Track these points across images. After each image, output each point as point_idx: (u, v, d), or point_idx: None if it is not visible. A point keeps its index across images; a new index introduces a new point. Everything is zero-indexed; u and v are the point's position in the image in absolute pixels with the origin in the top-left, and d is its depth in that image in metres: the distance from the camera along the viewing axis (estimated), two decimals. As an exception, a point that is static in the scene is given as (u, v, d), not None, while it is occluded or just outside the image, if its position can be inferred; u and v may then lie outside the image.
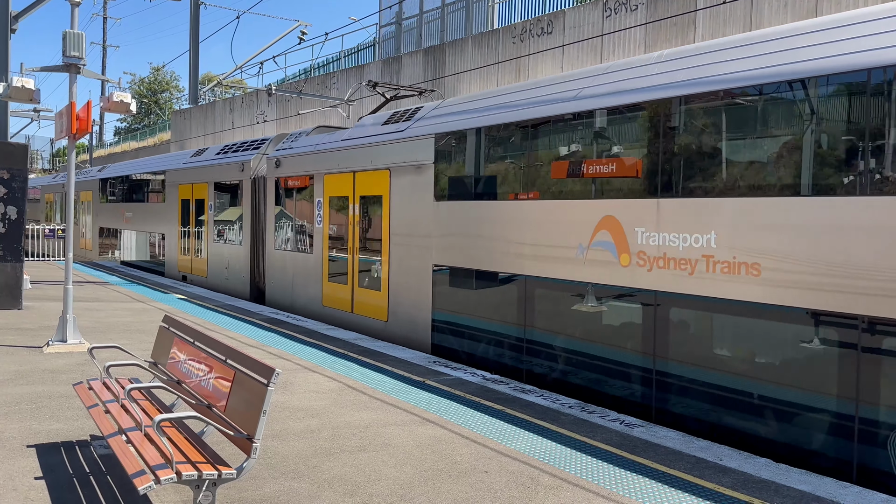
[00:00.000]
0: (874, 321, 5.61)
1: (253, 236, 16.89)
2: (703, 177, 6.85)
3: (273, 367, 4.37)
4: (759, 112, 6.44)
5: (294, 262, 14.74)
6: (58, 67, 10.00)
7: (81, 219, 29.44)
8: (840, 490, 5.36)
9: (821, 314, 5.96)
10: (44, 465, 5.42)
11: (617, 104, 7.70)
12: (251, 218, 16.85)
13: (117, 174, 26.25)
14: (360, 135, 12.77)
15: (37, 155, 65.40)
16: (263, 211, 16.44)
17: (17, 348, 9.88)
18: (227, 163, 18.17)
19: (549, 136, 8.55)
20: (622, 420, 7.14)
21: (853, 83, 5.76)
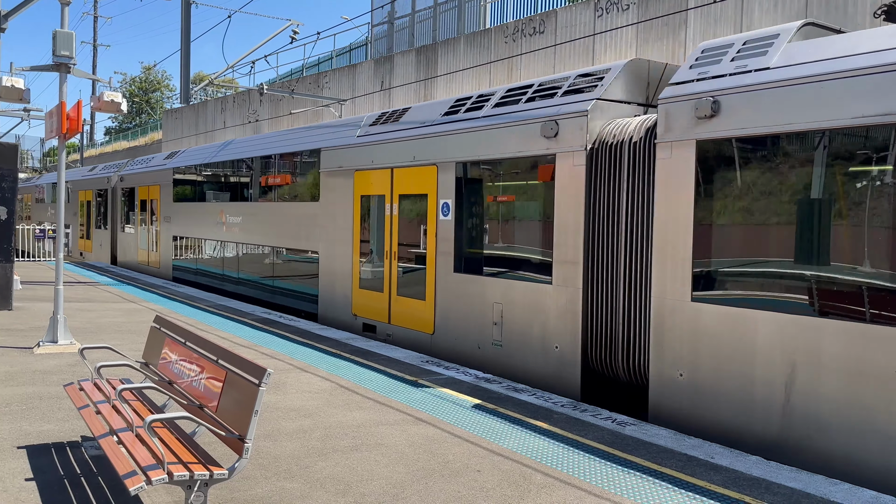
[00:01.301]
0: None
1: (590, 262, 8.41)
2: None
3: (264, 368, 4.37)
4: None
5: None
6: (48, 67, 9.95)
7: (138, 225, 23.52)
8: (830, 487, 5.40)
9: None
10: (34, 467, 5.40)
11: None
12: (590, 227, 8.37)
13: (208, 160, 18.83)
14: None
15: (27, 155, 65.05)
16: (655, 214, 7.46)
17: (7, 349, 9.83)
18: (516, 123, 9.20)
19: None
20: (614, 418, 7.16)
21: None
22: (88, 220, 28.58)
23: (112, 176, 25.75)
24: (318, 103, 23.68)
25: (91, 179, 28.44)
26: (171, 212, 20.59)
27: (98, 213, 27.33)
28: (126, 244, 24.48)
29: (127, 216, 24.54)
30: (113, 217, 25.92)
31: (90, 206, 28.24)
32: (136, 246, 23.37)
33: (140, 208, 23.03)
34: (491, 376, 8.94)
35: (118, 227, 25.35)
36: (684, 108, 7.18)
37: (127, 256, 24.48)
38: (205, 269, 18.77)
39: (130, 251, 24.01)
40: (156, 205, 21.71)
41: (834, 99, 5.99)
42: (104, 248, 26.77)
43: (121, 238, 25.04)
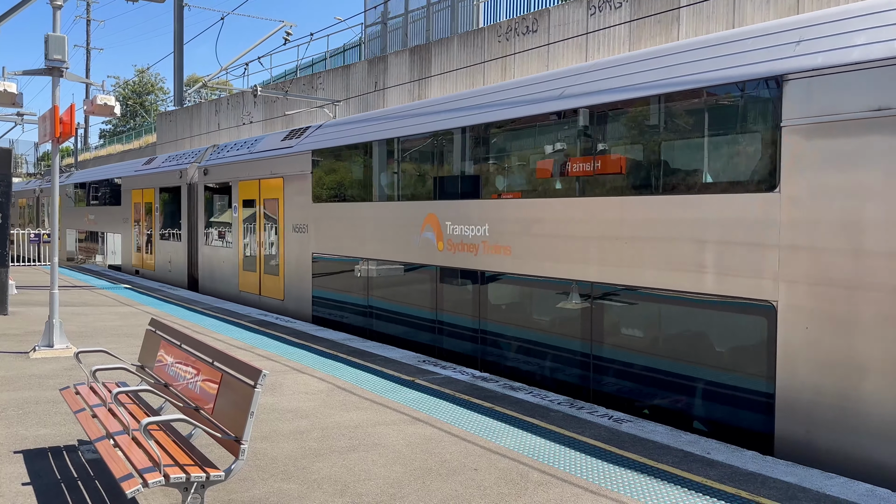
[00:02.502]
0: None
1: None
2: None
3: (260, 369, 4.37)
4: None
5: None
6: (40, 71, 9.94)
7: (238, 235, 16.90)
8: (826, 481, 5.42)
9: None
10: (31, 471, 5.40)
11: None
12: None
13: (414, 128, 11.27)
14: None
15: (21, 159, 64.86)
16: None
17: (3, 354, 9.81)
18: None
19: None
20: (611, 416, 7.18)
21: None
22: (149, 227, 22.07)
23: (188, 168, 19.67)
24: (312, 104, 23.68)
25: (152, 174, 22.14)
26: (306, 217, 13.86)
27: (165, 218, 21.11)
28: (214, 262, 17.92)
29: (212, 223, 18.36)
30: (191, 224, 19.80)
31: (151, 209, 22.11)
32: (236, 265, 16.76)
33: (243, 212, 16.50)
34: (488, 375, 8.96)
35: (199, 237, 18.92)
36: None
37: (216, 280, 17.81)
38: (389, 310, 11.73)
39: (223, 272, 17.33)
40: (275, 206, 15.08)
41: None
42: (176, 266, 20.36)
43: (204, 254, 18.57)
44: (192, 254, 19.79)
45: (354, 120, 13.39)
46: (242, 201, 16.35)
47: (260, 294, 15.76)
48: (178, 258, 20.30)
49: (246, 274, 16.40)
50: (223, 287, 17.43)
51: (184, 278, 20.02)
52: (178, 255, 20.28)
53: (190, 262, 19.86)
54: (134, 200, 23.37)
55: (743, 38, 7.07)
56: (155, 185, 21.65)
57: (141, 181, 22.93)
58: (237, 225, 16.77)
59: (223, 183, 17.29)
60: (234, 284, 16.91)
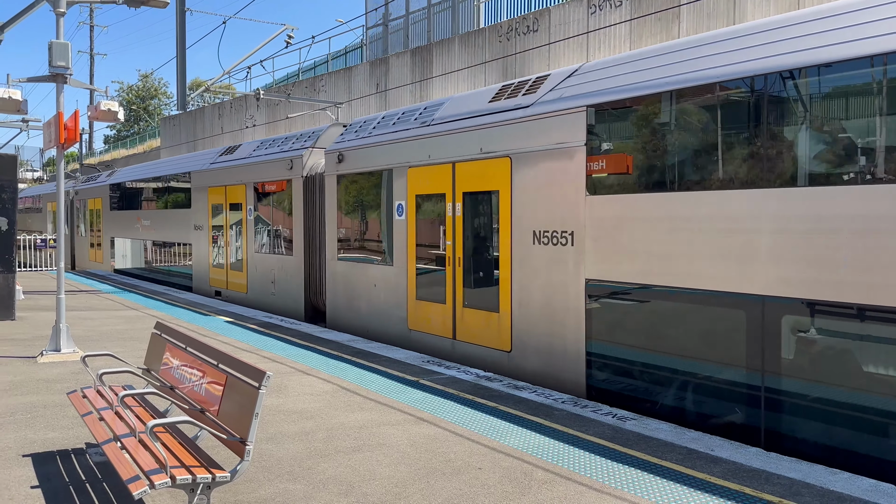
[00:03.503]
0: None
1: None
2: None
3: (264, 371, 4.41)
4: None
5: None
6: (44, 78, 10.01)
7: (456, 240, 10.39)
8: (830, 476, 5.43)
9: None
10: (40, 474, 5.45)
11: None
12: None
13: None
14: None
15: (27, 165, 65.18)
16: None
17: (11, 359, 9.89)
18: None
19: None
20: (615, 414, 7.20)
21: None
22: (238, 235, 17.04)
23: (303, 154, 14.48)
24: (314, 107, 23.73)
25: (242, 167, 16.73)
26: (569, 218, 8.48)
27: (262, 222, 15.95)
28: (356, 286, 12.46)
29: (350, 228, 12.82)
30: (310, 230, 14.50)
31: (242, 211, 16.77)
32: (401, 292, 11.33)
33: (416, 212, 11.04)
34: (492, 375, 8.98)
35: (327, 249, 13.39)
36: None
37: (360, 311, 12.39)
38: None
39: (375, 301, 12.04)
40: (489, 203, 9.75)
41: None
42: (284, 289, 15.07)
43: (337, 273, 12.98)
44: (311, 272, 14.37)
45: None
46: (416, 197, 10.83)
47: (455, 338, 10.18)
48: (287, 278, 14.87)
49: (423, 306, 10.73)
50: (376, 322, 11.84)
51: (298, 306, 14.58)
52: (287, 274, 14.85)
53: (309, 283, 14.43)
54: (212, 201, 18.10)
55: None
56: (247, 181, 16.40)
57: (223, 176, 17.59)
58: (405, 231, 11.09)
59: (373, 172, 11.90)
60: (397, 320, 11.34)
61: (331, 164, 13.08)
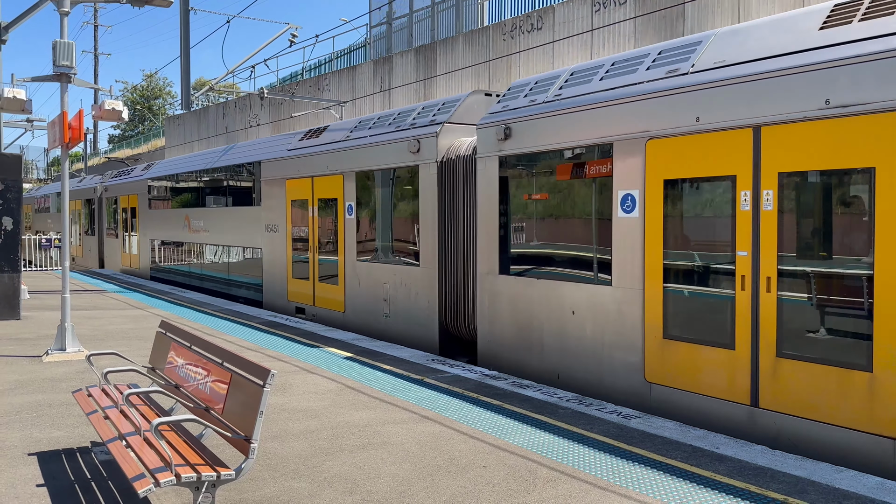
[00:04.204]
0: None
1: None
2: None
3: (268, 369, 4.41)
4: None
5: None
6: (48, 77, 10.03)
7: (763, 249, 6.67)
8: (835, 474, 5.42)
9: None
10: (45, 473, 5.46)
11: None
12: None
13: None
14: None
15: (31, 165, 65.39)
16: None
17: (17, 358, 9.92)
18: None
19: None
20: (619, 412, 7.19)
21: None
22: (329, 237, 13.60)
23: (438, 133, 10.95)
24: (318, 106, 23.75)
25: (337, 153, 13.41)
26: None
27: (367, 223, 12.60)
28: (536, 313, 9.02)
29: (518, 230, 9.49)
30: (443, 232, 11.07)
31: (336, 208, 13.37)
32: (632, 325, 7.80)
33: (659, 205, 7.60)
34: (496, 373, 8.98)
35: (478, 258, 9.96)
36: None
37: (543, 346, 8.94)
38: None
39: (575, 338, 8.48)
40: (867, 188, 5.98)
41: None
42: (404, 309, 11.67)
43: (499, 293, 9.58)
44: (449, 290, 10.86)
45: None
46: (665, 183, 7.47)
47: (760, 405, 6.60)
48: (409, 295, 11.48)
49: (681, 350, 7.27)
50: (577, 366, 8.38)
51: (428, 333, 11.10)
52: (409, 291, 11.47)
53: (446, 304, 10.91)
54: (291, 196, 14.75)
55: None
56: (346, 169, 13.02)
57: (308, 165, 14.21)
58: (637, 235, 7.69)
59: (570, 149, 8.46)
60: (621, 366, 7.85)
61: (488, 142, 9.56)
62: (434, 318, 10.95)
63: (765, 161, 6.58)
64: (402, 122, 12.00)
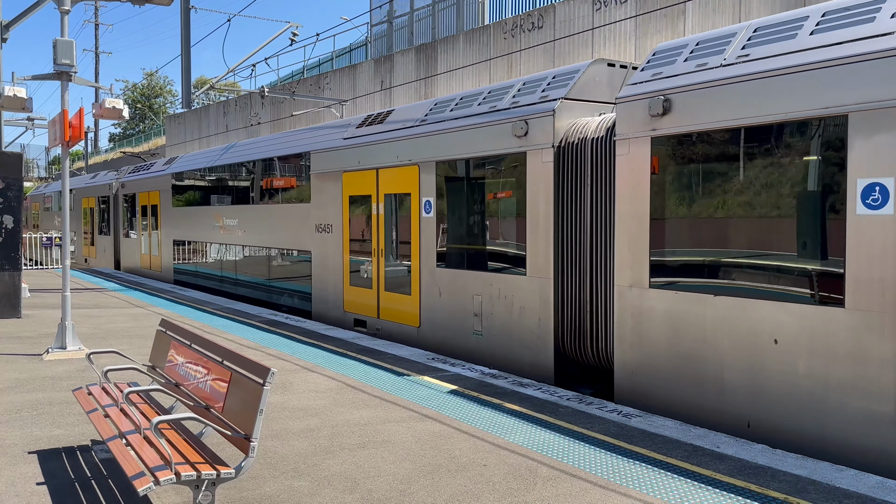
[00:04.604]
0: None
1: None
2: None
3: (268, 367, 4.41)
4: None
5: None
6: (49, 76, 10.03)
7: None
8: (836, 473, 5.41)
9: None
10: (45, 471, 5.46)
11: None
12: None
13: None
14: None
15: (32, 163, 65.44)
16: None
17: (17, 356, 9.92)
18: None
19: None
20: (620, 411, 7.19)
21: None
22: (400, 240, 11.65)
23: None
24: (319, 104, 23.74)
25: (422, 138, 11.21)
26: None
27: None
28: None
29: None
30: (585, 231, 8.79)
31: (410, 207, 11.40)
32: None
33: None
34: (496, 372, 8.98)
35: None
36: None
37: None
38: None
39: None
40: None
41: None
42: (517, 323, 9.40)
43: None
44: (569, 305, 8.83)
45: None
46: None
47: None
48: (511, 309, 9.45)
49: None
50: (785, 416, 6.46)
51: (539, 357, 9.06)
52: (511, 304, 9.44)
53: (563, 321, 8.88)
54: (349, 192, 12.91)
55: None
56: (422, 159, 11.04)
57: (371, 155, 12.28)
58: (891, 237, 5.77)
59: (753, 129, 6.71)
60: (872, 419, 5.87)
61: (634, 119, 7.63)
62: (547, 338, 8.91)
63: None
64: (498, 102, 9.98)
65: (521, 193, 9.31)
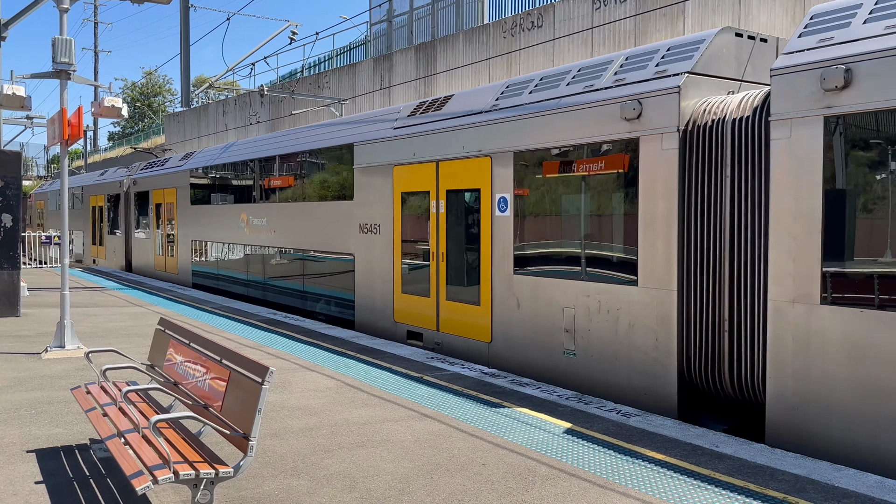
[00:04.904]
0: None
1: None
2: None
3: (267, 366, 4.41)
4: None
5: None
6: (48, 74, 10.01)
7: None
8: (835, 473, 5.41)
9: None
10: (44, 470, 5.46)
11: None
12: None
13: None
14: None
15: (31, 162, 65.41)
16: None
17: (16, 355, 9.91)
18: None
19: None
20: (619, 410, 7.18)
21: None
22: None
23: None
24: (318, 103, 23.73)
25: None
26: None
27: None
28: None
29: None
30: (721, 236, 7.33)
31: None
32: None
33: None
34: (496, 371, 8.97)
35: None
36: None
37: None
38: None
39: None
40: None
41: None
42: (626, 342, 7.90)
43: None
44: (694, 321, 7.45)
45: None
46: None
47: None
48: (614, 325, 8.10)
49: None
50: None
51: (657, 382, 7.65)
52: (615, 318, 8.07)
53: (689, 341, 7.50)
54: (401, 188, 11.49)
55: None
56: (495, 150, 9.63)
57: (428, 146, 10.95)
58: None
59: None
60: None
61: (800, 96, 6.31)
62: (667, 363, 7.44)
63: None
64: (594, 80, 8.52)
65: (631, 187, 7.82)
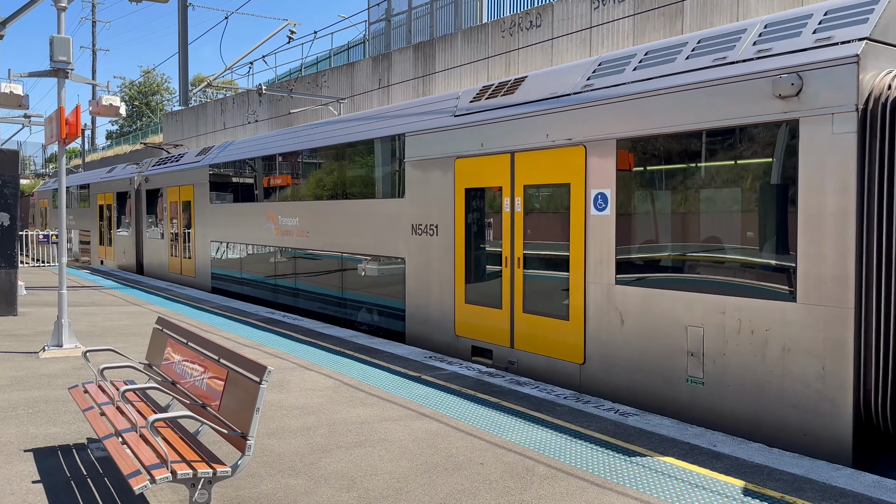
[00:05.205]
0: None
1: None
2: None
3: (265, 366, 4.40)
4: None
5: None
6: (46, 73, 9.99)
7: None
8: (832, 472, 5.41)
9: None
10: (41, 469, 5.45)
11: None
12: None
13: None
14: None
15: (29, 161, 65.34)
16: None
17: (14, 354, 9.89)
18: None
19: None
20: (617, 410, 7.19)
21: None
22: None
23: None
24: (317, 102, 23.72)
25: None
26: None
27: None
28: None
29: None
30: None
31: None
32: None
33: None
34: (494, 370, 8.96)
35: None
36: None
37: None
38: None
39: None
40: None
41: None
42: (777, 370, 6.45)
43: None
44: (878, 346, 5.94)
45: None
46: None
47: None
48: (759, 349, 6.63)
49: None
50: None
51: (825, 421, 6.19)
52: (762, 340, 6.61)
53: (870, 372, 5.98)
54: (463, 184, 10.19)
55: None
56: (590, 138, 8.24)
57: (501, 135, 9.48)
58: None
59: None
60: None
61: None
62: (839, 397, 6.07)
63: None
64: (727, 52, 7.04)
65: (785, 179, 6.44)
